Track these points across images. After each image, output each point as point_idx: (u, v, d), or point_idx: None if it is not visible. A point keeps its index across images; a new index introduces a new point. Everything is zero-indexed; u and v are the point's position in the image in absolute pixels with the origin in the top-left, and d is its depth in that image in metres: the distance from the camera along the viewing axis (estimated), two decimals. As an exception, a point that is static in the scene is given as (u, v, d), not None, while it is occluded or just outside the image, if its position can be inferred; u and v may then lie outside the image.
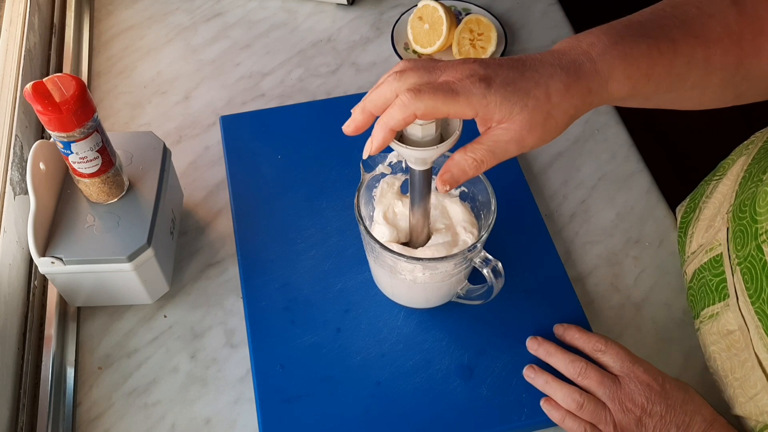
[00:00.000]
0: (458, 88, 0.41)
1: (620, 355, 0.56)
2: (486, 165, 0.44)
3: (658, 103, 0.48)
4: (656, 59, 0.44)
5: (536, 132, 0.43)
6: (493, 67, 0.43)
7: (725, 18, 0.45)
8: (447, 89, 0.41)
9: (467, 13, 0.88)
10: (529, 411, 0.57)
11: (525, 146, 0.43)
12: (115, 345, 0.63)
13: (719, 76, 0.45)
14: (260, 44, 0.88)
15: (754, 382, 0.51)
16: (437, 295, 0.61)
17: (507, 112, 0.42)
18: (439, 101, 0.41)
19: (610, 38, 0.44)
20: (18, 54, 0.74)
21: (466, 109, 0.42)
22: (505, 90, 0.42)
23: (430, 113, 0.42)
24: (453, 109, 0.42)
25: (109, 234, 0.58)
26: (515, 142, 0.43)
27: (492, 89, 0.41)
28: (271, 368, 0.59)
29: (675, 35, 0.44)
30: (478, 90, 0.41)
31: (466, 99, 0.41)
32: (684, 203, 0.69)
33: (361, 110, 0.45)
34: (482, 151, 0.43)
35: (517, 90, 0.42)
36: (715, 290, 0.56)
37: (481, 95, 0.41)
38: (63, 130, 0.52)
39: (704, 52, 0.44)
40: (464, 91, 0.41)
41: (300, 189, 0.71)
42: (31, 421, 0.57)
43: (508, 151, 0.43)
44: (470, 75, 0.42)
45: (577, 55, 0.44)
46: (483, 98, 0.41)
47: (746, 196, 0.54)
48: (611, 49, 0.43)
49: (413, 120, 0.43)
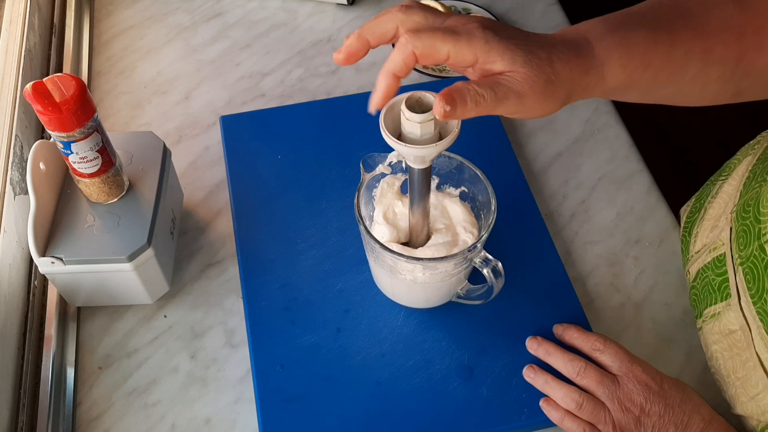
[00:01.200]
0: (461, 30, 0.41)
1: (619, 355, 0.56)
2: (484, 102, 0.41)
3: (658, 98, 0.48)
4: (653, 48, 0.43)
5: (537, 91, 0.41)
6: (501, 24, 0.43)
7: (725, 12, 0.44)
8: (448, 30, 0.41)
9: (467, 13, 0.88)
10: (529, 411, 0.57)
11: (523, 103, 0.42)
12: (115, 345, 0.63)
13: (719, 70, 0.45)
14: (260, 44, 0.88)
15: (755, 382, 0.51)
16: (437, 295, 0.61)
17: (509, 61, 0.41)
18: (439, 40, 0.40)
19: (607, 26, 0.44)
20: (18, 54, 0.74)
21: (466, 52, 0.41)
22: (509, 42, 0.41)
23: (428, 53, 0.41)
24: (453, 50, 0.41)
25: (109, 234, 0.58)
26: (515, 94, 0.41)
27: (496, 37, 0.41)
28: (271, 368, 0.59)
29: (673, 26, 0.44)
30: (481, 34, 0.41)
31: (467, 41, 0.41)
32: (690, 203, 0.69)
33: (357, 36, 0.43)
34: (485, 86, 0.41)
35: (522, 45, 0.41)
36: (717, 290, 0.56)
37: (484, 40, 0.41)
38: (63, 130, 0.52)
39: (703, 44, 0.44)
40: (466, 34, 0.41)
41: (300, 189, 0.71)
42: (31, 421, 0.58)
43: (508, 98, 0.41)
44: (475, 21, 0.42)
45: (575, 38, 0.44)
46: (486, 43, 0.41)
47: (750, 196, 0.54)
48: (608, 36, 0.43)
49: (413, 62, 0.41)
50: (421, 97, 0.47)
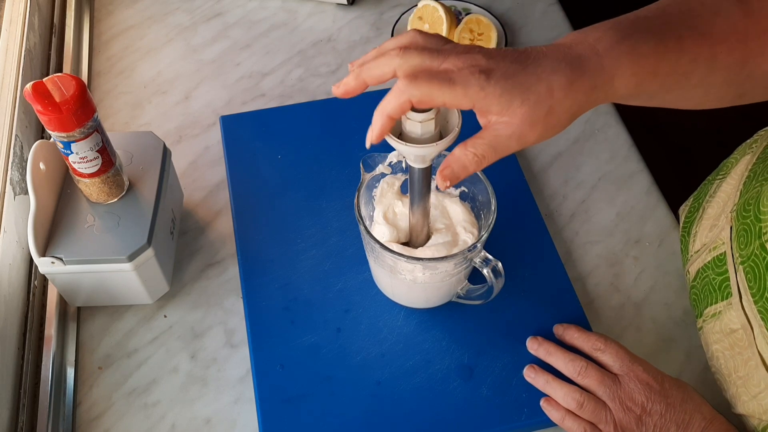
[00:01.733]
0: (456, 77, 0.41)
1: (619, 355, 0.56)
2: (487, 161, 0.43)
3: (662, 102, 0.47)
4: (662, 56, 0.43)
5: (538, 128, 0.42)
6: (495, 58, 0.42)
7: (731, 16, 0.44)
8: (444, 78, 0.41)
9: (467, 12, 0.88)
10: (529, 411, 0.57)
11: (526, 142, 0.43)
12: (115, 345, 0.63)
13: (723, 74, 0.45)
14: (260, 44, 0.88)
15: (757, 381, 0.51)
16: (437, 295, 0.61)
17: (506, 104, 0.41)
18: (435, 89, 0.41)
19: (617, 34, 0.43)
20: (18, 54, 0.74)
21: (462, 100, 0.41)
22: (506, 83, 0.41)
23: (425, 101, 0.41)
24: (449, 98, 0.41)
25: (109, 234, 0.58)
26: (516, 138, 0.42)
27: (491, 81, 0.41)
28: (271, 368, 0.59)
29: (681, 32, 0.44)
30: (476, 81, 0.41)
31: (463, 89, 0.41)
32: (688, 203, 0.69)
33: (356, 77, 0.44)
34: (483, 146, 0.43)
35: (518, 84, 0.41)
36: (718, 289, 0.56)
37: (479, 87, 0.41)
38: (63, 130, 0.52)
39: (710, 50, 0.44)
40: (462, 81, 0.41)
41: (300, 189, 0.71)
42: (31, 421, 0.58)
43: (509, 147, 0.43)
44: (471, 65, 0.41)
45: (582, 50, 0.43)
46: (481, 90, 0.41)
47: (750, 195, 0.54)
48: (618, 45, 0.43)
49: (409, 107, 0.42)
50: None
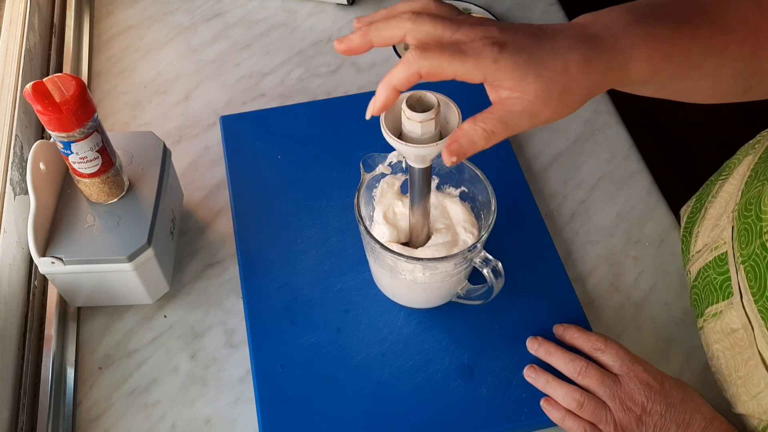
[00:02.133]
0: (468, 49, 0.40)
1: (620, 355, 0.56)
2: (496, 137, 0.41)
3: (672, 92, 0.47)
4: (677, 42, 0.42)
5: (551, 105, 0.40)
6: (509, 32, 0.41)
7: (742, 7, 0.44)
8: (455, 49, 0.40)
9: (467, 13, 0.88)
10: (529, 411, 0.57)
11: (538, 119, 0.41)
12: (115, 345, 0.63)
13: (733, 66, 0.45)
14: (260, 44, 0.88)
15: (757, 381, 0.51)
16: (437, 295, 0.61)
17: (519, 79, 0.40)
18: (446, 61, 0.39)
19: (631, 16, 0.42)
20: (18, 54, 0.74)
21: (474, 72, 0.40)
22: (519, 57, 0.40)
23: (435, 73, 0.40)
24: (460, 71, 0.40)
25: (109, 234, 0.58)
26: (528, 114, 0.41)
27: (505, 54, 0.39)
28: (271, 368, 0.59)
29: (695, 20, 0.43)
30: (489, 53, 0.39)
31: (474, 61, 0.39)
32: (690, 204, 0.69)
33: (362, 35, 0.42)
34: (493, 120, 0.41)
35: (532, 58, 0.40)
36: (719, 288, 0.56)
37: (492, 59, 0.39)
38: (63, 130, 0.52)
39: (722, 40, 0.43)
40: (474, 53, 0.39)
41: (300, 189, 0.71)
42: (31, 421, 0.57)
43: (521, 124, 0.41)
44: (484, 37, 0.40)
45: (598, 29, 0.42)
46: (494, 62, 0.39)
47: (752, 195, 0.54)
48: (634, 27, 0.42)
49: (417, 79, 0.41)
50: (421, 96, 0.46)
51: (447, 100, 0.47)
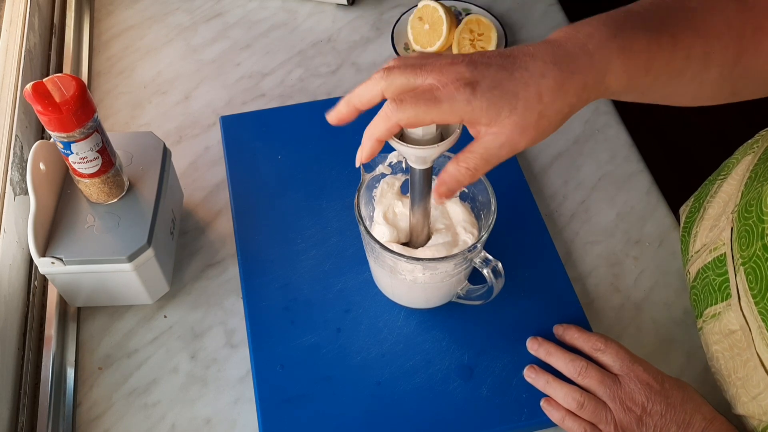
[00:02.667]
0: (441, 95, 0.41)
1: (620, 355, 0.56)
2: (480, 172, 0.44)
3: (655, 98, 0.47)
4: (656, 53, 0.43)
5: (528, 133, 0.42)
6: (480, 68, 0.42)
7: (726, 12, 0.44)
8: (429, 97, 0.41)
9: (467, 13, 0.88)
10: (529, 411, 0.57)
11: (518, 148, 0.43)
12: (115, 345, 0.63)
13: (717, 71, 0.45)
14: (260, 44, 0.88)
15: (756, 382, 0.51)
16: (437, 296, 0.61)
17: (494, 115, 0.41)
18: (421, 110, 0.41)
19: (609, 29, 0.43)
20: (18, 54, 0.74)
21: (449, 116, 0.41)
22: (492, 94, 0.41)
23: (413, 122, 0.42)
24: (437, 117, 0.41)
25: (109, 234, 0.58)
26: (507, 146, 0.42)
27: (477, 94, 0.41)
28: (271, 368, 0.59)
29: (675, 28, 0.43)
30: (462, 96, 0.41)
31: (449, 106, 0.41)
32: (688, 203, 0.69)
33: (346, 103, 0.45)
34: (474, 159, 0.43)
35: (505, 93, 0.41)
36: (717, 290, 0.56)
37: (465, 101, 0.41)
38: (63, 130, 0.52)
39: (703, 47, 0.44)
40: (447, 98, 0.41)
41: (300, 189, 0.71)
42: (31, 421, 0.58)
43: (501, 156, 0.43)
44: (455, 80, 0.41)
45: (572, 47, 0.42)
46: (467, 104, 0.41)
47: (752, 196, 0.54)
48: (610, 42, 0.42)
49: (398, 130, 0.43)
50: None
51: None
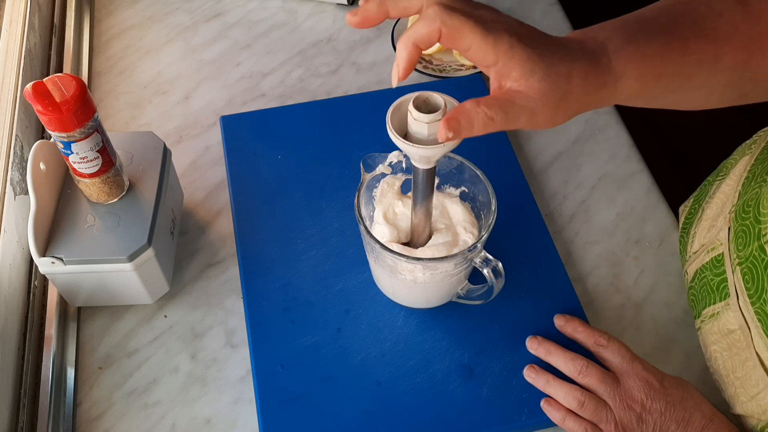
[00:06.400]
0: (490, 26, 0.40)
1: (621, 352, 0.56)
2: (494, 125, 0.41)
3: (664, 104, 0.47)
4: (667, 58, 0.43)
5: (549, 108, 0.41)
6: (526, 27, 0.41)
7: (733, 17, 0.44)
8: (480, 21, 0.40)
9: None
10: (529, 411, 0.57)
11: (534, 120, 0.42)
12: (116, 345, 0.63)
13: (726, 76, 0.45)
14: (260, 44, 0.88)
15: (755, 381, 0.51)
16: (437, 295, 0.61)
17: (528, 71, 0.40)
18: (469, 27, 0.39)
19: (622, 35, 0.43)
20: (18, 54, 0.74)
21: (489, 50, 0.40)
22: (532, 51, 0.40)
23: (455, 36, 0.39)
24: (478, 43, 0.39)
25: (109, 234, 0.58)
26: (527, 112, 0.41)
27: (521, 44, 0.40)
28: (272, 368, 0.59)
29: (686, 34, 0.43)
30: (508, 38, 0.40)
31: (494, 40, 0.39)
32: (688, 204, 0.69)
33: (378, 4, 0.41)
34: (496, 107, 0.41)
35: (544, 56, 0.40)
36: (715, 290, 0.56)
37: (509, 44, 0.40)
38: (63, 130, 0.52)
39: (713, 52, 0.44)
40: (495, 33, 0.40)
41: (300, 189, 0.71)
42: (32, 421, 0.58)
43: (519, 119, 0.41)
44: (504, 23, 0.40)
45: (594, 47, 0.42)
46: (510, 48, 0.40)
47: (750, 197, 0.54)
48: (625, 47, 0.42)
49: (437, 38, 0.40)
50: (428, 97, 0.46)
51: (454, 102, 0.47)
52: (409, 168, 0.59)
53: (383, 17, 0.42)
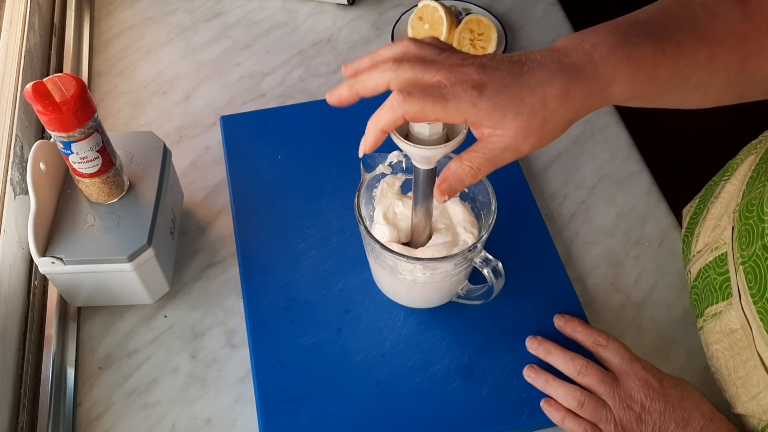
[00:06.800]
0: (448, 93, 0.41)
1: (620, 352, 0.56)
2: (482, 173, 0.44)
3: (660, 104, 0.47)
4: (660, 61, 0.43)
5: (532, 138, 0.42)
6: (489, 71, 0.42)
7: (730, 18, 0.44)
8: (437, 94, 0.41)
9: (467, 13, 0.88)
10: (529, 411, 0.57)
11: (521, 152, 0.43)
12: (116, 345, 0.63)
13: (723, 76, 0.45)
14: (260, 44, 0.88)
15: (756, 381, 0.51)
16: (437, 295, 0.61)
17: (498, 119, 0.41)
18: (428, 106, 0.41)
19: (614, 39, 0.43)
20: (18, 54, 0.74)
21: (455, 115, 0.41)
22: (498, 98, 0.41)
23: (418, 117, 0.42)
24: (442, 115, 0.41)
25: (109, 234, 0.58)
26: (511, 149, 0.43)
27: (483, 97, 0.41)
28: (272, 368, 0.59)
29: (680, 36, 0.44)
30: (468, 97, 0.41)
31: (455, 105, 0.41)
32: (693, 204, 0.69)
33: (349, 87, 0.44)
34: (478, 159, 0.43)
35: (511, 97, 0.41)
36: (718, 289, 0.56)
37: (471, 103, 0.41)
38: (63, 130, 0.52)
39: (708, 54, 0.44)
40: (454, 98, 0.41)
41: (300, 189, 0.71)
42: (32, 421, 0.58)
43: (504, 158, 0.43)
44: (464, 80, 0.41)
45: (578, 57, 0.43)
46: (473, 106, 0.41)
47: (754, 196, 0.54)
48: (615, 51, 0.42)
49: (402, 122, 0.43)
50: None
51: None
52: (409, 168, 0.59)
53: (356, 98, 0.45)
